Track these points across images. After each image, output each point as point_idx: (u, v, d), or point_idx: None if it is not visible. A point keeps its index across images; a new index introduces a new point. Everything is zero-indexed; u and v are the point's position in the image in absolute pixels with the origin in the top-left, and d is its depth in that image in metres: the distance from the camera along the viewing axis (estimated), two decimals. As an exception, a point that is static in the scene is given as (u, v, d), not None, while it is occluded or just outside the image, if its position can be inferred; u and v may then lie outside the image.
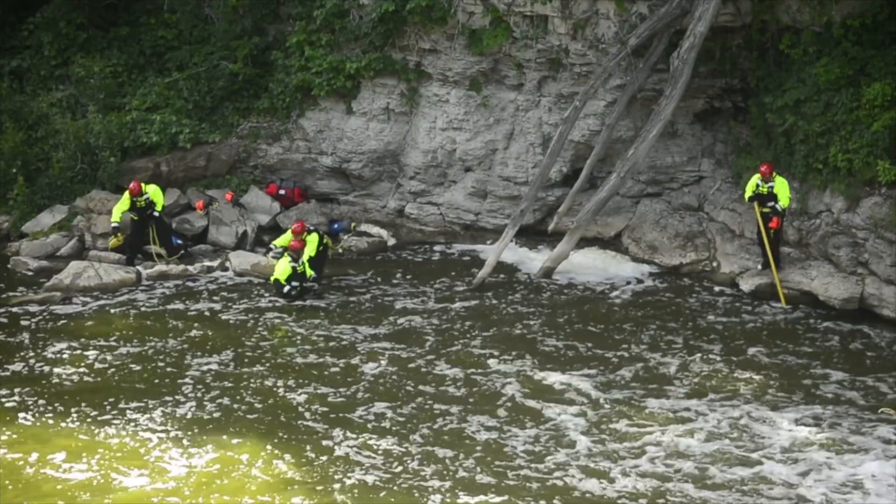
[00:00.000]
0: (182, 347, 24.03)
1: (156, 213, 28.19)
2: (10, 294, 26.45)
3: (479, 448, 20.17)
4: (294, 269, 26.12)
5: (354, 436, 20.53)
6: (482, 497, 18.67)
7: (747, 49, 28.52)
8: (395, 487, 18.97)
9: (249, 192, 30.53)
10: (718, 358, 23.68)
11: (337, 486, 18.96)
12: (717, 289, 27.27)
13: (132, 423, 20.83)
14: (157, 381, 22.57)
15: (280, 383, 22.50)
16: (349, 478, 19.20)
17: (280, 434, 20.59)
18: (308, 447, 20.16)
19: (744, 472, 19.43)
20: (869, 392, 22.27)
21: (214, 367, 23.17)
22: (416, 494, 18.75)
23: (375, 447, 20.15)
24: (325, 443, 20.30)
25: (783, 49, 27.61)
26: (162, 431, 20.59)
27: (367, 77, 30.32)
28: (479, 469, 19.50)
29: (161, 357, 23.55)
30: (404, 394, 22.15)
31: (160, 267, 27.90)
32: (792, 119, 26.92)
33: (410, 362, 23.50)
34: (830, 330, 25.05)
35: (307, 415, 21.31)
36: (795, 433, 20.59)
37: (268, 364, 23.30)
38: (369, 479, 19.18)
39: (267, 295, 26.63)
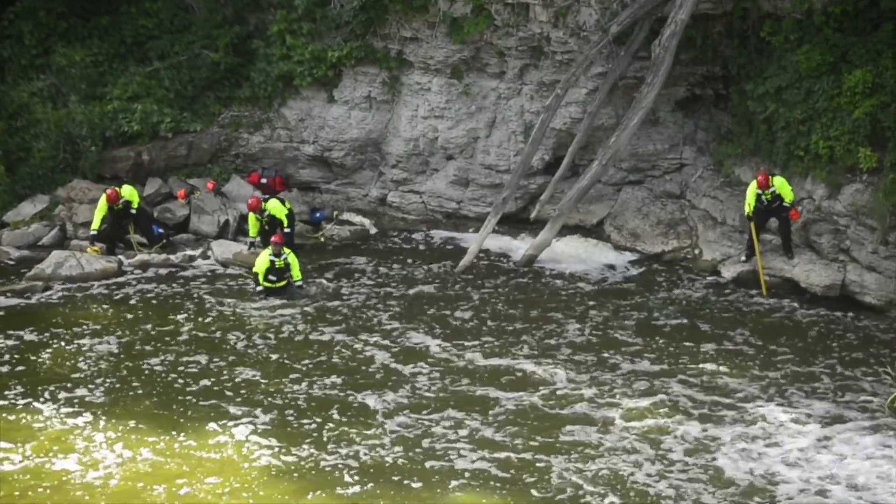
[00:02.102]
0: (152, 336, 24.02)
1: (132, 211, 28.14)
2: (-9, 284, 26.46)
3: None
4: (273, 262, 25.64)
5: (334, 426, 20.55)
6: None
7: (728, 36, 28.52)
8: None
9: (231, 181, 30.49)
10: (699, 344, 23.72)
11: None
12: (698, 276, 27.31)
13: (70, 411, 20.83)
14: (113, 369, 22.56)
15: (245, 372, 22.55)
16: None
17: (223, 419, 20.65)
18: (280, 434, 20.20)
19: (716, 461, 19.53)
20: (848, 378, 22.32)
21: (182, 357, 23.16)
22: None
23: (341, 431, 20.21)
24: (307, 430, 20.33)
25: (764, 36, 27.64)
26: (105, 419, 20.54)
27: (348, 65, 30.29)
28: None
29: (128, 346, 23.53)
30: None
31: (142, 256, 27.84)
32: (773, 106, 26.96)
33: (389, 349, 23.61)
34: (811, 317, 25.10)
35: (275, 402, 21.35)
36: (775, 419, 20.65)
37: (232, 354, 23.30)
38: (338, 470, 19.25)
39: (246, 285, 26.62)
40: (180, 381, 22.08)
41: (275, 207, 27.51)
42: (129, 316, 24.99)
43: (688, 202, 29.34)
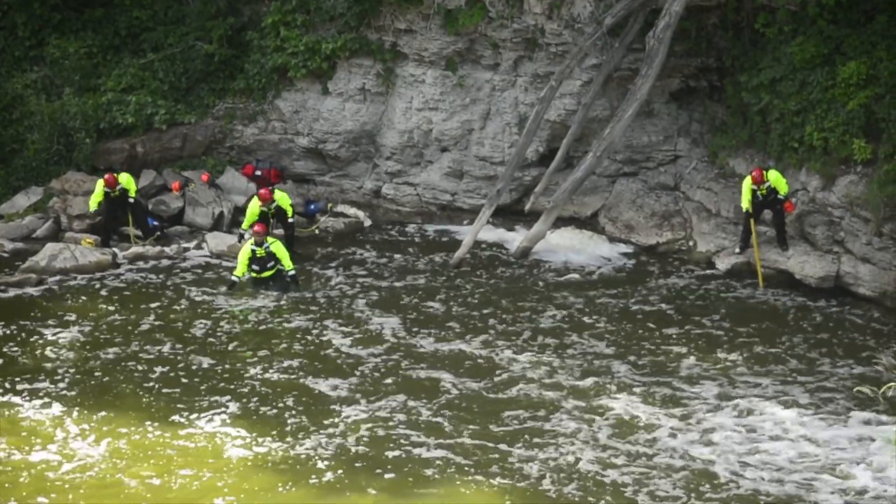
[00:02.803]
0: (130, 327, 24.02)
1: (130, 200, 28.13)
2: (-15, 276, 26.44)
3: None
4: (254, 252, 25.30)
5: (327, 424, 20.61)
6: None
7: (723, 28, 28.52)
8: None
9: (225, 173, 30.48)
10: (692, 336, 23.73)
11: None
12: (692, 267, 27.33)
13: (41, 402, 20.82)
14: (84, 360, 22.56)
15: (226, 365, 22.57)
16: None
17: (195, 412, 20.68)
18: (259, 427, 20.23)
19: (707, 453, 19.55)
20: (841, 369, 22.34)
21: (157, 348, 23.18)
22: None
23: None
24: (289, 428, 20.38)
25: (758, 28, 27.62)
26: (78, 411, 20.54)
27: (342, 57, 30.26)
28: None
29: (105, 337, 23.53)
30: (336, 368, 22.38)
31: (137, 249, 27.83)
32: (767, 98, 26.96)
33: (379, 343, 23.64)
34: (806, 308, 25.13)
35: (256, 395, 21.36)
36: (767, 411, 20.67)
37: (202, 344, 23.31)
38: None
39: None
40: (154, 371, 22.07)
41: (282, 198, 27.48)
42: (110, 307, 24.96)
43: (682, 194, 29.35)
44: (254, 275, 25.57)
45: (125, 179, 28.07)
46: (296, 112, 30.86)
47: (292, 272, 25.73)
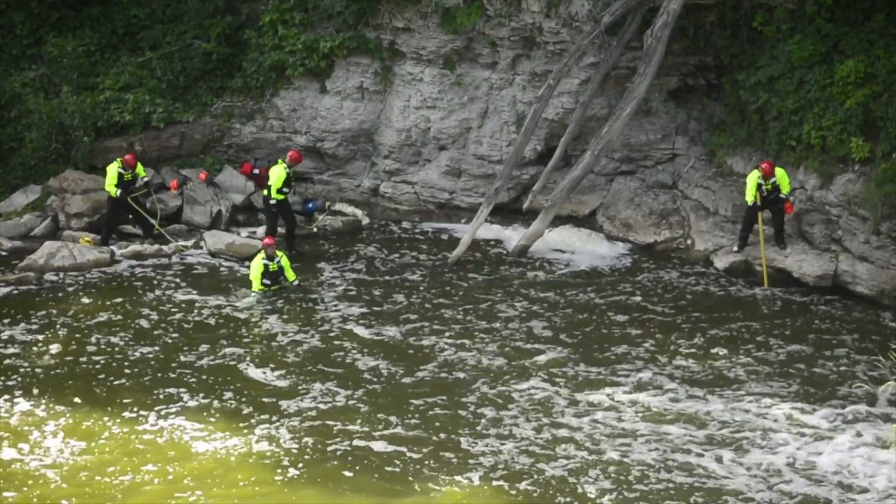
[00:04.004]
0: (132, 326, 24.09)
1: (145, 180, 28.33)
2: (-16, 275, 26.45)
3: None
4: (266, 266, 25.30)
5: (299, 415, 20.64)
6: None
7: (721, 26, 28.54)
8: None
9: (223, 172, 30.46)
10: (691, 335, 23.75)
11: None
12: (691, 266, 27.33)
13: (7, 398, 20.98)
14: (53, 357, 22.69)
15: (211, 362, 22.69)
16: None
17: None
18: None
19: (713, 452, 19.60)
20: (840, 368, 22.39)
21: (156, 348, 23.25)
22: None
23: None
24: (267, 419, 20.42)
25: (756, 26, 27.65)
26: (44, 409, 20.65)
27: (340, 56, 30.25)
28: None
29: (107, 338, 23.57)
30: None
31: (135, 247, 27.83)
32: (765, 96, 26.98)
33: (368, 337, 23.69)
34: (803, 306, 25.14)
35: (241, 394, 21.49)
36: (764, 409, 20.70)
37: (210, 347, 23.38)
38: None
39: (229, 276, 26.71)
40: (134, 369, 22.23)
41: (139, 169, 28.27)
42: (105, 305, 25.01)
43: (680, 192, 29.35)
44: (263, 288, 25.47)
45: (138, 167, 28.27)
46: (294, 110, 30.84)
47: (296, 282, 25.73)
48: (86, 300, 25.19)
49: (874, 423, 20.15)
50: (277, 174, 27.66)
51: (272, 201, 27.77)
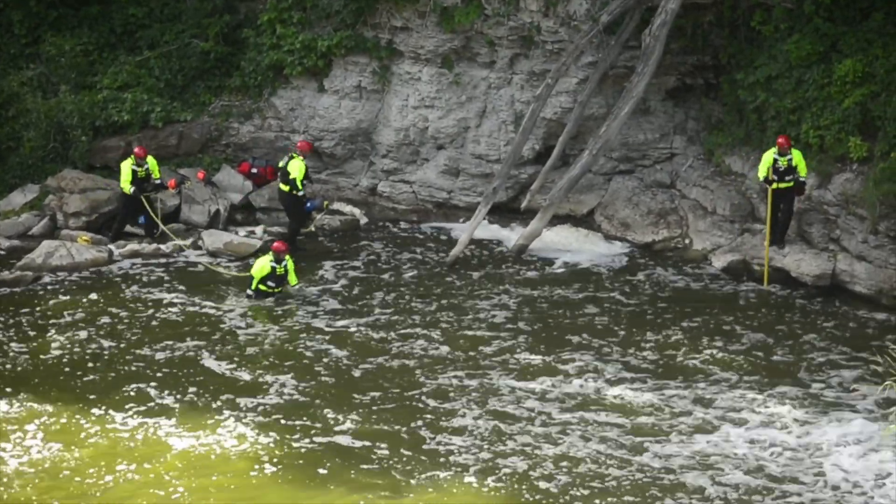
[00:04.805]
0: (128, 325, 24.10)
1: (157, 181, 28.37)
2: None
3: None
4: (273, 269, 25.18)
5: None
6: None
7: (719, 26, 28.53)
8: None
9: (222, 171, 30.46)
10: (689, 334, 23.76)
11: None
12: (688, 265, 27.32)
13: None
14: (31, 355, 22.76)
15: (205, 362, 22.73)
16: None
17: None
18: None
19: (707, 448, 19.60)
20: (837, 367, 22.40)
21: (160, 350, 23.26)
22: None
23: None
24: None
25: (755, 25, 27.65)
26: (19, 407, 20.68)
27: (338, 55, 30.24)
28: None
29: (98, 338, 23.58)
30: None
31: (133, 246, 27.84)
32: (763, 96, 26.98)
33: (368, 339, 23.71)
34: (801, 306, 25.14)
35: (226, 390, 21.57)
36: (761, 409, 20.71)
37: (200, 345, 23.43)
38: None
39: (222, 277, 26.74)
40: (122, 368, 22.32)
41: (153, 164, 28.38)
42: (99, 304, 25.02)
43: (678, 192, 29.34)
44: (265, 289, 25.44)
45: (150, 161, 28.23)
46: (292, 110, 30.84)
47: (298, 286, 25.73)
48: (82, 299, 25.18)
49: (873, 423, 20.14)
50: (297, 167, 27.72)
51: (300, 194, 27.82)
